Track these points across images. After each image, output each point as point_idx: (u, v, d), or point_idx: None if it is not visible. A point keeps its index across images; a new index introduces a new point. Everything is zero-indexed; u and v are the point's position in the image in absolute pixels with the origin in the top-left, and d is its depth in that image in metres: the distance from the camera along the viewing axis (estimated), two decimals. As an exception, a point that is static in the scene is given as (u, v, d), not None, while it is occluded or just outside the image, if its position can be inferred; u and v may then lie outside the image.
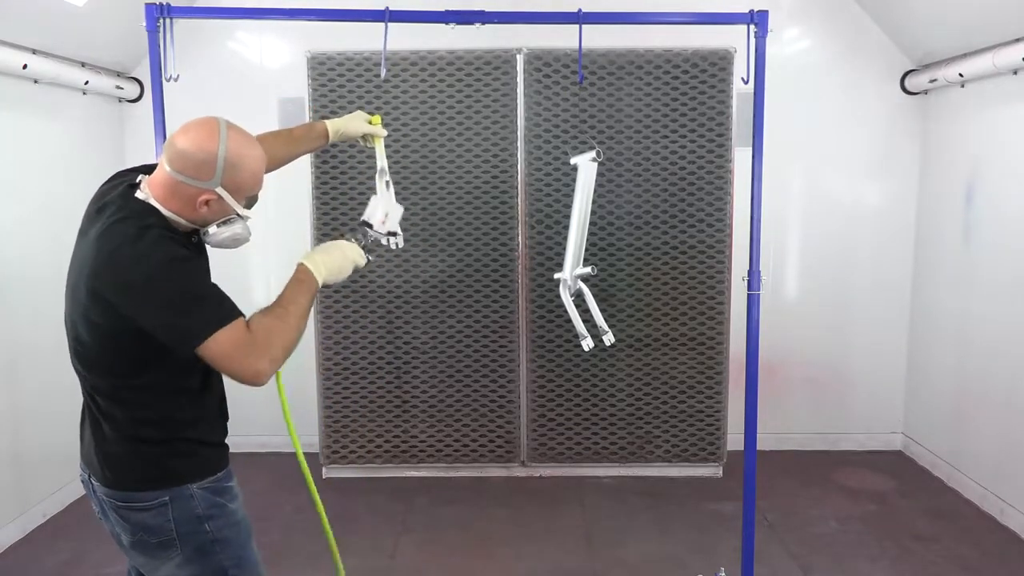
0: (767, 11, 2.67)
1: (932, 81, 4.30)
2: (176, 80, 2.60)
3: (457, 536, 3.72)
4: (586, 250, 2.85)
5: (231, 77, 4.56)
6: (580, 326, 2.77)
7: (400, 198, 4.07)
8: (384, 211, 2.12)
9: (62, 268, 1.78)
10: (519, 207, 4.18)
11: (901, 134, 4.64)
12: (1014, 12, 3.48)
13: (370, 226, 2.10)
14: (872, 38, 4.55)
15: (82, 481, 1.88)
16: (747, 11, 2.66)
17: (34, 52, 3.65)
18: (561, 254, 3.13)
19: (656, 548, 3.59)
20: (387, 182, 2.38)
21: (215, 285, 1.68)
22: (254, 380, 1.63)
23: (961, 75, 3.98)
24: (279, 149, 2.14)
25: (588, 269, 2.78)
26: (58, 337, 1.80)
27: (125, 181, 1.78)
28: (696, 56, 4.07)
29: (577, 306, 2.82)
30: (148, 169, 1.81)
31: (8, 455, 3.63)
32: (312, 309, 1.89)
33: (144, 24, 2.57)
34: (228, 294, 1.68)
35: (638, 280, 4.22)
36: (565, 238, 2.85)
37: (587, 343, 2.76)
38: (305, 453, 2.11)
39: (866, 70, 4.59)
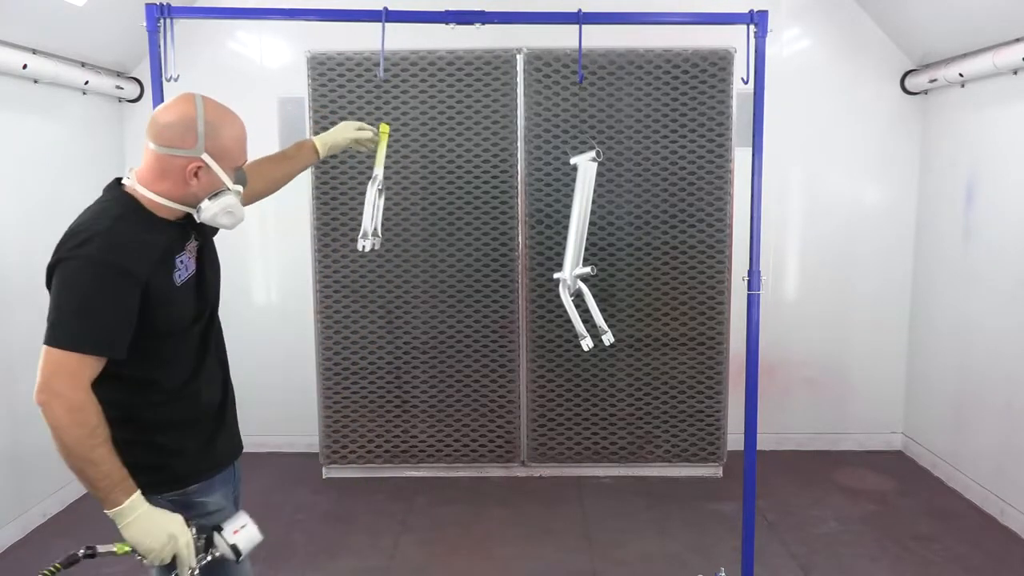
0: (767, 11, 2.67)
1: (932, 81, 4.30)
2: (176, 80, 2.60)
3: (457, 536, 3.72)
4: (586, 250, 2.85)
5: (231, 77, 4.56)
6: (580, 326, 2.77)
7: (400, 198, 4.16)
8: (239, 524, 1.74)
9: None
10: (519, 207, 4.18)
11: (901, 134, 4.63)
12: (1014, 12, 3.48)
13: (220, 529, 1.73)
14: (872, 38, 4.54)
15: None
16: (747, 11, 2.66)
17: (34, 52, 3.65)
18: (561, 254, 3.12)
19: (656, 548, 3.59)
20: (379, 190, 2.40)
21: (114, 311, 1.60)
22: (38, 403, 1.57)
23: (961, 75, 3.98)
24: (275, 170, 2.21)
25: (588, 269, 2.78)
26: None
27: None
28: (696, 56, 4.08)
29: (577, 306, 2.82)
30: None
31: (8, 455, 3.63)
32: (311, 309, 1.89)
33: (144, 24, 2.58)
34: (127, 323, 1.61)
35: (638, 280, 4.22)
36: (565, 238, 2.85)
37: (587, 343, 2.76)
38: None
39: (866, 70, 4.58)
